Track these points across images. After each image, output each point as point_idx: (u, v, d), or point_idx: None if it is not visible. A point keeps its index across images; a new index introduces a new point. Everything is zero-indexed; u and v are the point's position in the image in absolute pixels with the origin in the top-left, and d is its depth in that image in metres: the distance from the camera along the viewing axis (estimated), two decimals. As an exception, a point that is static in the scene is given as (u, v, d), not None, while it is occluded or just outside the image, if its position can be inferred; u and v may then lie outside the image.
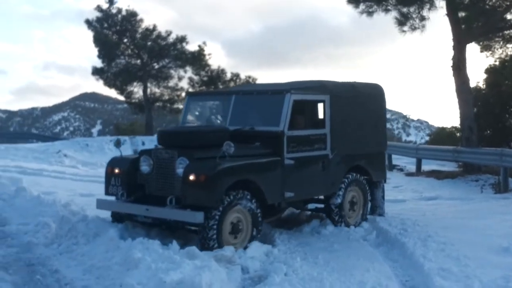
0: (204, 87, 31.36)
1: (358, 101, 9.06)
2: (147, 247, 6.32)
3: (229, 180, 6.94)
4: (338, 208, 8.61)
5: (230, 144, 6.89)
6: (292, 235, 8.17)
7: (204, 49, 31.65)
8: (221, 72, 32.25)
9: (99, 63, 31.21)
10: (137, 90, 32.10)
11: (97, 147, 23.37)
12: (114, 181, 7.68)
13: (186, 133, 7.74)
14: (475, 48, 19.59)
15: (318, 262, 6.87)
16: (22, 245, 7.24)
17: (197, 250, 6.33)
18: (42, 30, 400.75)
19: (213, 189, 6.79)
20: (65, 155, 21.36)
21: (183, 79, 32.15)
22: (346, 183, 8.72)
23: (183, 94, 31.36)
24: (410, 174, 18.06)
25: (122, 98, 33.84)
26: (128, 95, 32.25)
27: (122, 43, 31.40)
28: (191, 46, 32.04)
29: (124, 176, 7.63)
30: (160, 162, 7.45)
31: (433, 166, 19.38)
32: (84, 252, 6.83)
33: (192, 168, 6.94)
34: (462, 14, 17.25)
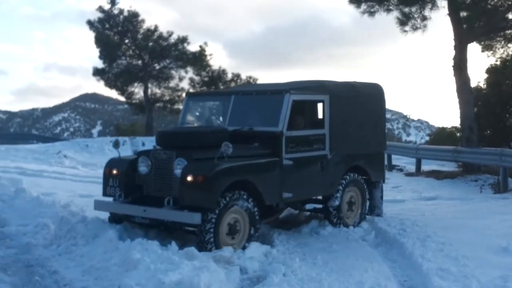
0: (205, 88, 31.35)
1: (358, 101, 9.02)
2: (146, 248, 6.32)
3: (227, 181, 6.92)
4: (336, 210, 8.60)
5: (228, 144, 6.87)
6: (291, 236, 8.17)
7: (205, 49, 31.74)
8: (222, 72, 32.27)
9: (100, 64, 31.31)
10: (138, 91, 32.18)
11: (97, 148, 23.40)
12: (112, 182, 7.65)
13: (185, 133, 7.71)
14: (477, 48, 19.60)
15: (317, 262, 6.88)
16: (21, 246, 7.24)
17: (195, 251, 6.34)
18: (43, 31, 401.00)
19: (211, 190, 6.77)
20: (65, 156, 21.39)
21: (184, 80, 32.23)
22: (344, 184, 8.70)
23: (184, 95, 31.37)
24: (410, 174, 18.06)
25: (122, 99, 33.96)
26: (128, 96, 32.30)
27: (124, 44, 31.44)
28: (193, 47, 32.20)
29: (122, 177, 7.60)
30: (158, 162, 7.43)
31: (432, 166, 19.37)
32: (83, 253, 6.83)
33: (190, 169, 6.92)
34: (464, 13, 17.26)
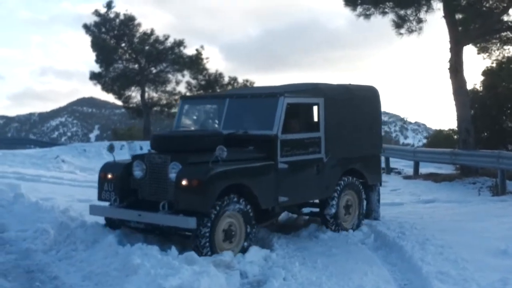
0: (201, 91, 31.35)
1: (353, 103, 8.98)
2: (146, 253, 6.31)
3: (221, 184, 6.87)
4: (334, 218, 8.56)
5: (223, 148, 6.84)
6: (290, 240, 8.17)
7: (201, 53, 31.76)
8: (218, 76, 32.30)
9: (97, 68, 31.29)
10: (135, 95, 32.15)
11: (95, 153, 23.35)
12: (107, 186, 7.61)
13: (179, 137, 7.64)
14: (472, 50, 19.70)
15: (317, 266, 6.89)
16: (21, 251, 7.22)
17: (195, 256, 6.33)
18: (40, 35, 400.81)
19: (205, 194, 6.73)
20: (63, 161, 21.35)
21: (181, 83, 32.21)
22: (340, 189, 8.63)
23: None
24: (408, 177, 18.10)
25: (120, 103, 33.88)
26: (126, 100, 32.28)
27: (120, 48, 31.42)
28: (189, 50, 32.12)
29: (117, 181, 7.55)
30: (153, 167, 7.38)
31: (430, 169, 19.41)
32: (83, 258, 6.82)
33: (184, 173, 6.88)
34: (459, 16, 17.32)
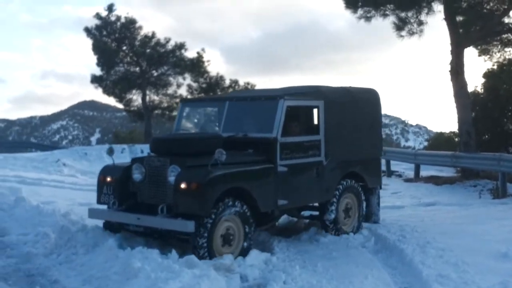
0: (203, 94, 31.36)
1: (353, 106, 8.94)
2: (146, 257, 6.32)
3: (220, 188, 6.84)
4: (333, 223, 8.54)
5: (222, 151, 6.81)
6: (290, 243, 8.16)
7: (203, 56, 31.75)
8: (220, 79, 32.28)
9: (98, 71, 31.27)
10: (136, 98, 32.14)
11: (96, 156, 23.33)
12: (106, 189, 7.58)
13: (178, 140, 7.60)
14: (473, 52, 19.65)
15: (317, 270, 6.88)
16: (21, 255, 7.22)
17: (196, 259, 6.34)
18: (41, 38, 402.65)
19: (204, 197, 6.69)
20: (64, 164, 21.36)
21: (182, 86, 32.20)
22: (339, 194, 8.58)
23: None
24: (409, 180, 18.10)
25: (121, 106, 33.91)
26: (127, 103, 32.29)
27: (121, 51, 31.44)
28: (190, 53, 31.97)
29: (116, 184, 7.52)
30: (152, 170, 7.36)
31: (431, 172, 19.39)
32: (83, 262, 6.83)
33: (183, 176, 6.86)
34: (460, 18, 17.34)
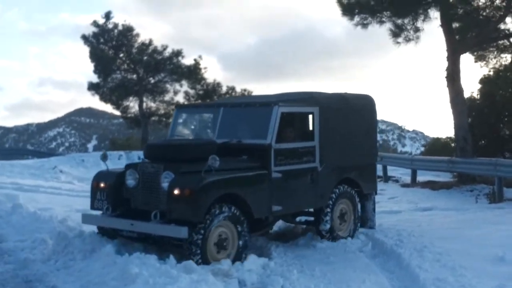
0: (200, 101, 31.37)
1: (348, 112, 8.94)
2: (144, 262, 6.31)
3: (214, 194, 6.82)
4: (329, 232, 8.53)
5: (215, 158, 6.79)
6: (288, 248, 8.17)
7: (199, 62, 31.76)
8: (217, 85, 32.30)
9: (95, 78, 31.23)
10: (133, 105, 32.10)
11: (93, 163, 23.28)
12: (100, 195, 7.57)
13: (172, 146, 7.59)
14: (469, 58, 19.78)
15: (315, 274, 6.89)
16: (19, 261, 7.22)
17: (194, 264, 6.33)
18: (38, 46, 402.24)
19: (197, 203, 6.67)
20: (61, 171, 21.33)
21: (179, 93, 32.20)
22: (333, 201, 8.56)
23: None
24: (406, 185, 18.14)
25: (118, 113, 33.84)
26: (124, 110, 32.26)
27: (118, 58, 31.44)
28: (187, 60, 32.00)
29: (109, 190, 7.52)
30: (146, 176, 7.34)
31: (428, 177, 19.43)
32: (81, 268, 6.81)
33: (177, 182, 6.84)
34: (456, 25, 17.42)
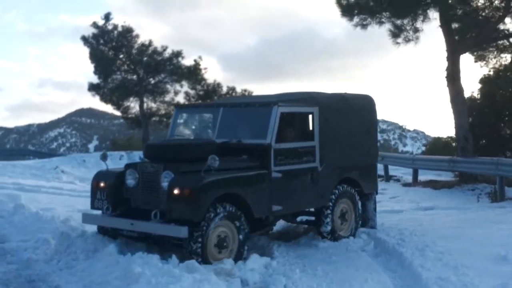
0: (200, 101, 31.39)
1: (348, 112, 8.94)
2: (147, 262, 6.32)
3: (214, 194, 6.83)
4: (331, 233, 8.53)
5: (215, 157, 6.80)
6: (290, 247, 8.18)
7: (200, 63, 31.77)
8: (217, 86, 32.32)
9: (95, 79, 31.23)
10: (133, 105, 32.10)
11: (94, 163, 23.30)
12: (100, 195, 7.59)
13: (172, 146, 7.60)
14: (469, 58, 19.77)
15: (317, 273, 6.90)
16: (22, 261, 7.24)
17: (196, 264, 6.34)
18: (38, 47, 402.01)
19: (197, 203, 6.68)
20: (62, 171, 21.37)
21: (179, 94, 32.21)
22: (333, 202, 8.54)
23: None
24: (407, 185, 18.15)
25: (118, 114, 33.82)
26: (124, 110, 32.28)
27: (118, 59, 31.45)
28: (187, 61, 31.99)
29: (109, 190, 7.53)
30: (145, 175, 7.36)
31: (429, 176, 19.44)
32: (83, 267, 6.83)
33: (176, 182, 6.85)
34: (456, 25, 17.42)
